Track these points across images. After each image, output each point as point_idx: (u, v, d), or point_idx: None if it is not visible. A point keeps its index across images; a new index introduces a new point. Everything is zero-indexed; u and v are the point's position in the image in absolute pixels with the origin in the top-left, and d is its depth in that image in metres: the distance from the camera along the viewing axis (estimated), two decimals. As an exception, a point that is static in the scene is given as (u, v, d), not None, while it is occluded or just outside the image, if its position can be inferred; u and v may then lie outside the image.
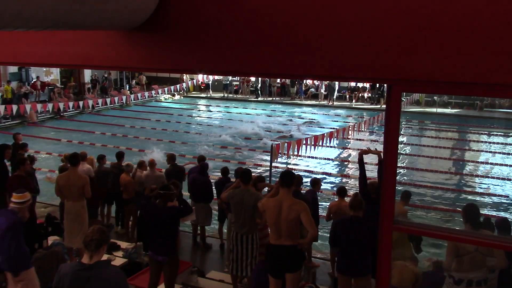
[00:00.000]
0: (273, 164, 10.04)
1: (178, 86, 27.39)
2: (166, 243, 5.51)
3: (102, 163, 8.58)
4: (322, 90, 26.55)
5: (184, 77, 29.83)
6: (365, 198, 5.64)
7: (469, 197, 11.44)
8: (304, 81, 27.38)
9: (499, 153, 15.87)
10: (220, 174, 8.25)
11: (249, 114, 23.24)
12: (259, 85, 27.71)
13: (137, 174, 8.16)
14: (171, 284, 5.56)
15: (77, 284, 3.29)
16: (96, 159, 8.72)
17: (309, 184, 7.67)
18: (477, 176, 13.35)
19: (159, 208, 5.52)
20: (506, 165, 14.42)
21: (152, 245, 5.62)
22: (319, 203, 7.64)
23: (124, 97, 24.77)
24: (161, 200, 5.52)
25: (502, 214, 10.37)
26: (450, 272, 4.66)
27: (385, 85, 22.89)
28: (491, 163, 14.58)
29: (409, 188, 11.22)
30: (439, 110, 23.75)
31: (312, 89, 27.58)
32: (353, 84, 25.94)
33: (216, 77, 28.24)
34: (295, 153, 11.79)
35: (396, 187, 3.05)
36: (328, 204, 7.86)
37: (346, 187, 8.03)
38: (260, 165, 13.63)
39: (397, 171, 3.09)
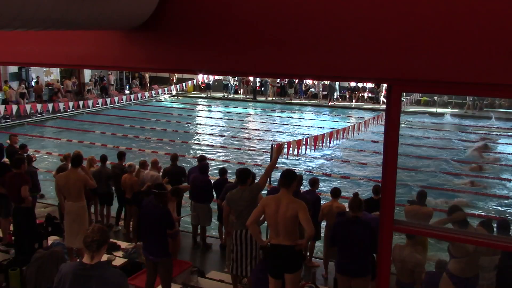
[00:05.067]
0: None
1: (178, 86, 27.42)
2: (156, 242, 5.51)
3: (105, 164, 8.58)
4: (320, 90, 26.57)
5: (174, 78, 30.10)
6: None
7: (469, 197, 11.43)
8: (304, 81, 27.38)
9: (499, 153, 15.85)
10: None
11: (249, 114, 23.29)
12: (257, 86, 27.74)
13: (140, 174, 8.18)
14: (168, 285, 5.57)
15: (77, 283, 3.29)
16: (99, 159, 8.72)
17: (308, 184, 7.66)
18: (477, 176, 13.33)
19: (152, 206, 5.52)
20: (506, 165, 14.42)
21: (145, 244, 5.67)
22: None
23: (124, 97, 24.80)
24: (156, 199, 5.53)
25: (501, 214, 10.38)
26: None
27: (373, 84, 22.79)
28: (491, 163, 14.58)
29: (408, 189, 11.26)
30: (439, 110, 23.79)
31: (312, 89, 27.59)
32: (353, 84, 25.96)
33: (216, 77, 28.27)
34: (295, 153, 11.80)
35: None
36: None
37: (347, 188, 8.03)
38: (260, 165, 13.64)
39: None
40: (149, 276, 5.65)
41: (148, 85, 29.22)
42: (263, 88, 27.77)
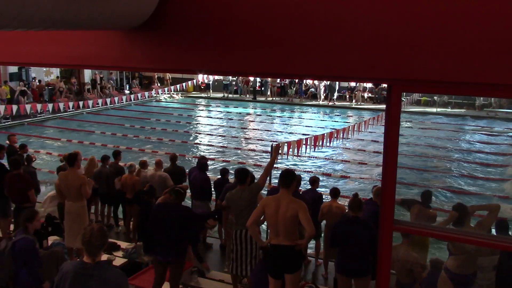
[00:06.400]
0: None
1: (178, 86, 27.43)
2: (174, 243, 5.43)
3: (105, 164, 8.59)
4: (321, 91, 26.55)
5: (169, 78, 30.17)
6: None
7: (468, 197, 11.43)
8: (304, 81, 27.39)
9: (498, 153, 15.86)
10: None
11: (249, 114, 23.31)
12: (257, 86, 27.76)
13: (141, 174, 8.19)
14: (176, 284, 5.57)
15: (78, 282, 3.32)
16: (100, 159, 8.73)
17: (308, 183, 7.66)
18: (477, 177, 13.33)
19: (170, 206, 5.50)
20: (506, 165, 14.43)
21: (158, 245, 5.54)
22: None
23: (124, 97, 24.79)
24: (176, 198, 5.52)
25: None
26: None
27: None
28: (491, 163, 14.59)
29: (408, 189, 11.26)
30: (439, 110, 23.81)
31: (312, 89, 27.60)
32: (353, 84, 25.97)
33: (216, 77, 28.27)
34: (295, 153, 11.80)
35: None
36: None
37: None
38: (260, 165, 13.64)
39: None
40: (158, 278, 5.59)
41: (157, 84, 29.40)
42: (263, 88, 27.78)
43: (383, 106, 19.86)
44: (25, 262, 4.73)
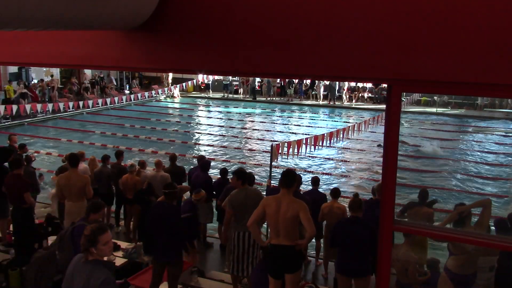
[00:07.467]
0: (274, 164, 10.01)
1: (178, 86, 27.42)
2: (171, 243, 5.44)
3: (106, 164, 8.60)
4: (321, 90, 26.54)
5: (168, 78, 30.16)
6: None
7: (467, 197, 11.43)
8: (304, 81, 27.39)
9: (498, 153, 15.85)
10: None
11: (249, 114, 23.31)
12: (256, 86, 27.72)
13: (141, 173, 8.20)
14: (175, 284, 5.57)
15: (71, 276, 3.57)
16: (101, 159, 8.73)
17: (311, 183, 7.65)
18: (476, 176, 13.33)
19: (165, 206, 5.49)
20: (506, 165, 14.42)
21: (156, 245, 5.56)
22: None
23: (124, 97, 24.78)
24: (167, 199, 5.52)
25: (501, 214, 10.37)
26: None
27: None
28: (491, 163, 14.58)
29: (408, 189, 11.25)
30: (439, 110, 23.81)
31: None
32: (353, 84, 25.97)
33: (216, 77, 28.26)
34: (295, 153, 11.79)
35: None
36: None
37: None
38: (260, 165, 13.64)
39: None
40: (156, 277, 5.60)
41: (164, 83, 29.53)
42: (264, 88, 27.71)
43: (383, 106, 19.85)
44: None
